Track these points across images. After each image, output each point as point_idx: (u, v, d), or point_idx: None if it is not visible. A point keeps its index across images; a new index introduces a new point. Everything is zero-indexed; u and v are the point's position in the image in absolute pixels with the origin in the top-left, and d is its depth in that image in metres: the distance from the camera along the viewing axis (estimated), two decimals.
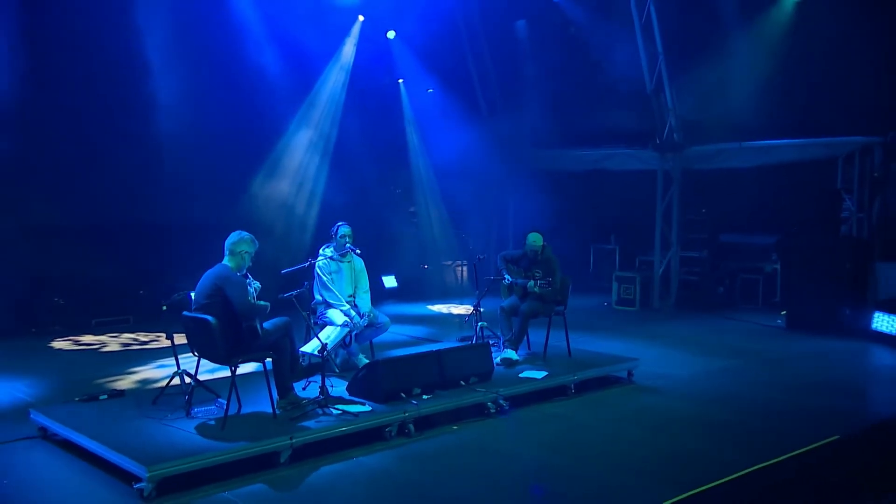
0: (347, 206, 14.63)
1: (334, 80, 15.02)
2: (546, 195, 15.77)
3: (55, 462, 6.15)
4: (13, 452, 6.31)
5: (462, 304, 9.79)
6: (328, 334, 7.37)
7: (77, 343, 10.89)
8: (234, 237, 6.78)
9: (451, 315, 13.59)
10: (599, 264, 16.48)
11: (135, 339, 11.04)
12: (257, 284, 6.78)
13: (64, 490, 5.64)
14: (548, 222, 15.60)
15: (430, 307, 14.36)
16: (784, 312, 12.60)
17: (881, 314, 11.12)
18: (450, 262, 16.59)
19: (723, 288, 14.56)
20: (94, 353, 10.30)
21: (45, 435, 6.60)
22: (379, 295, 15.00)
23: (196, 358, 6.79)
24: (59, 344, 10.80)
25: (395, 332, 11.64)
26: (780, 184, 13.16)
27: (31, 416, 6.78)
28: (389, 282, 15.51)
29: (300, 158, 14.65)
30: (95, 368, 9.29)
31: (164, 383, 7.13)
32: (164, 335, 9.47)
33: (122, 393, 7.57)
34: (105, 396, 7.29)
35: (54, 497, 5.54)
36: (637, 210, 14.97)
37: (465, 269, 16.43)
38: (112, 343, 10.90)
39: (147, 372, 8.97)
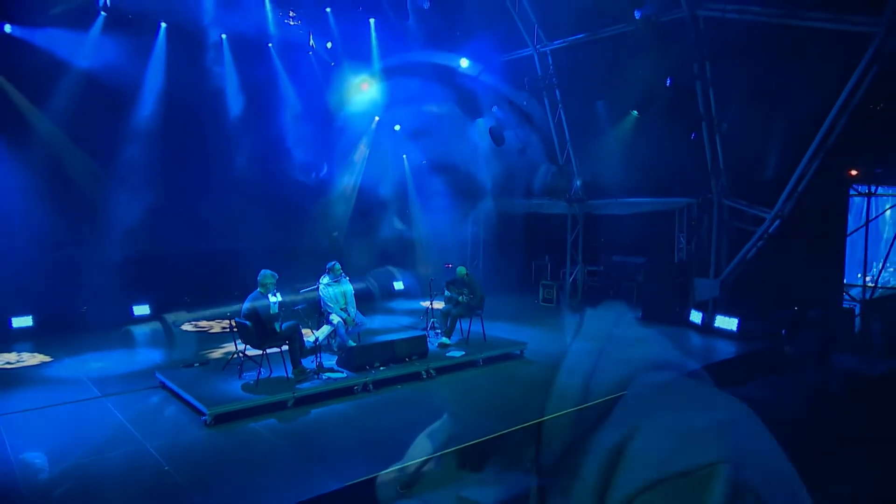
0: (370, 233, 15.35)
1: (361, 155, 15.57)
2: (502, 228, 16.32)
3: (164, 403, 6.97)
4: (142, 397, 7.19)
5: (442, 300, 10.42)
6: (323, 330, 8.16)
7: (196, 326, 11.30)
8: (261, 275, 7.32)
9: (432, 309, 13.98)
10: (537, 274, 16.73)
11: (230, 325, 11.55)
12: (279, 298, 7.32)
13: (165, 418, 6.48)
14: (503, 245, 16.60)
15: (421, 303, 14.04)
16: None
17: (694, 311, 11.69)
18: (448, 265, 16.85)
19: (612, 291, 14.83)
20: (205, 333, 10.77)
21: (163, 386, 7.42)
22: (390, 295, 15.34)
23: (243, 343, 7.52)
24: (185, 327, 11.26)
25: (388, 321, 11.98)
26: (644, 225, 13.56)
27: (156, 374, 7.66)
28: (398, 285, 15.83)
29: (335, 208, 15.19)
30: (203, 344, 9.81)
31: (230, 357, 7.90)
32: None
33: (207, 362, 8.36)
34: (197, 364, 8.09)
35: (160, 421, 6.35)
36: (560, 238, 15.31)
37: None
38: (216, 327, 11.28)
39: (230, 347, 9.04)
